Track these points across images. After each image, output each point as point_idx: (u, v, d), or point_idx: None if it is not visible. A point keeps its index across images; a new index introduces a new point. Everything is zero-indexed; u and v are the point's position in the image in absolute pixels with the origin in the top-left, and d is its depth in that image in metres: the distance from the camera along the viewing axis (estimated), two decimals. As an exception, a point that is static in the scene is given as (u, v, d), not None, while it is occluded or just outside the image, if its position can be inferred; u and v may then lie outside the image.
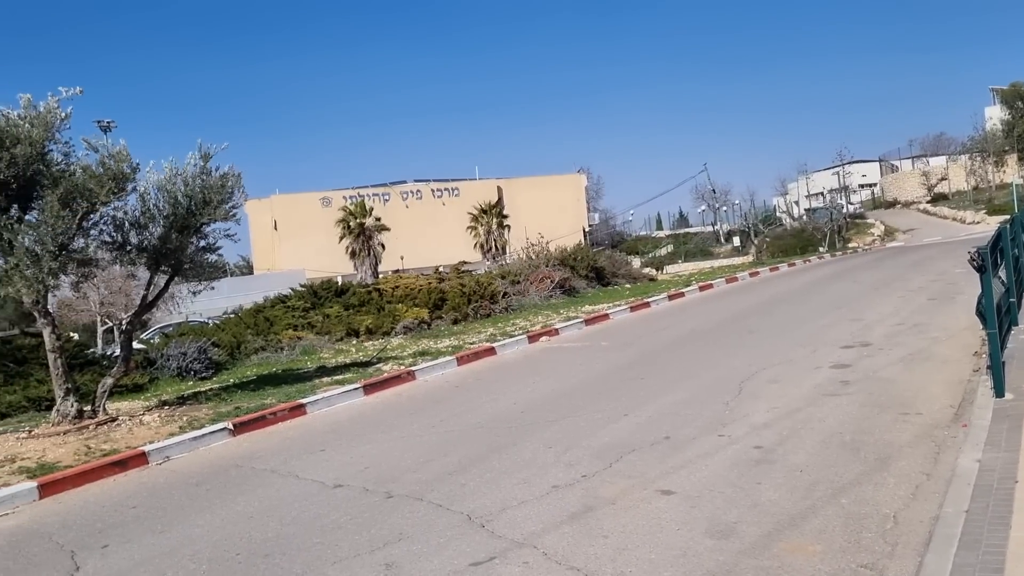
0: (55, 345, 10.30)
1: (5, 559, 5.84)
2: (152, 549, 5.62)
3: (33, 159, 9.77)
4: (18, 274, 9.84)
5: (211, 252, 11.89)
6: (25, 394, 13.22)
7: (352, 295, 21.45)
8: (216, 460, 8.36)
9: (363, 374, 12.68)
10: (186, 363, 15.10)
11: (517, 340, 14.98)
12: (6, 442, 9.66)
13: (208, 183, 11.14)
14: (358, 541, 5.22)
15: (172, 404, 11.44)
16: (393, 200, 59.51)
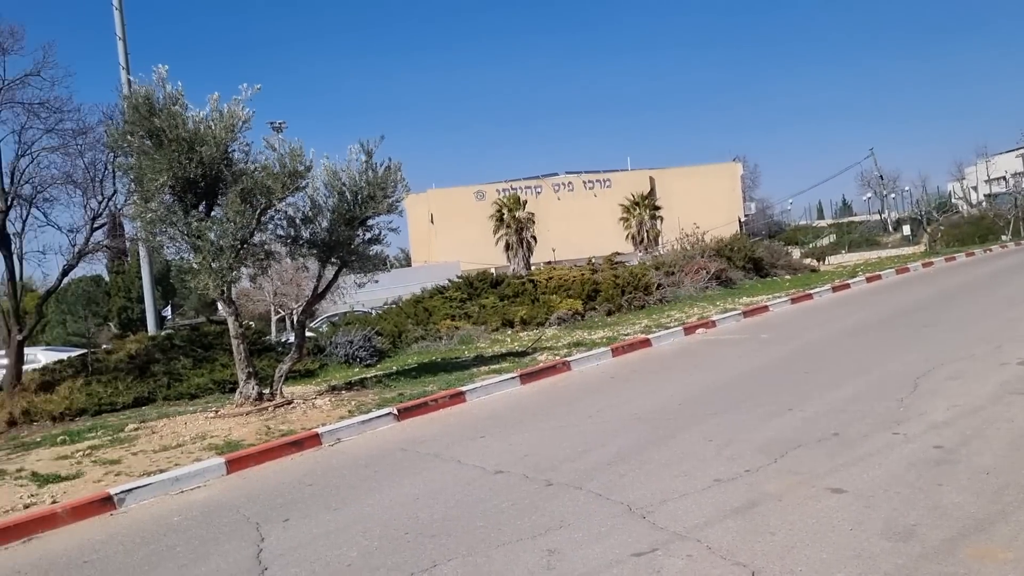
0: (238, 332, 11.08)
1: (200, 528, 6.36)
2: (328, 525, 5.96)
3: (218, 159, 10.54)
4: (205, 267, 10.64)
5: (375, 244, 12.41)
6: (211, 377, 14.32)
7: (507, 286, 21.81)
8: (383, 443, 8.75)
9: (519, 364, 12.89)
10: (352, 351, 15.88)
11: (672, 332, 14.78)
12: (196, 421, 10.50)
13: (372, 178, 11.65)
14: (520, 526, 5.33)
15: (341, 389, 12.05)
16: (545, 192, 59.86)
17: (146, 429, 10.45)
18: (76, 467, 8.61)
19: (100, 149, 14.91)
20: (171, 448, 9.10)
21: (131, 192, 12.25)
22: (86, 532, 6.69)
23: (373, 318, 21.86)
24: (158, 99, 10.58)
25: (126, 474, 8.10)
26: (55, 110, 14.96)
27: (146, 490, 7.45)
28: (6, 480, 8.23)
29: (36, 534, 6.66)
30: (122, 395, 13.75)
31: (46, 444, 10.50)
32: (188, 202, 10.73)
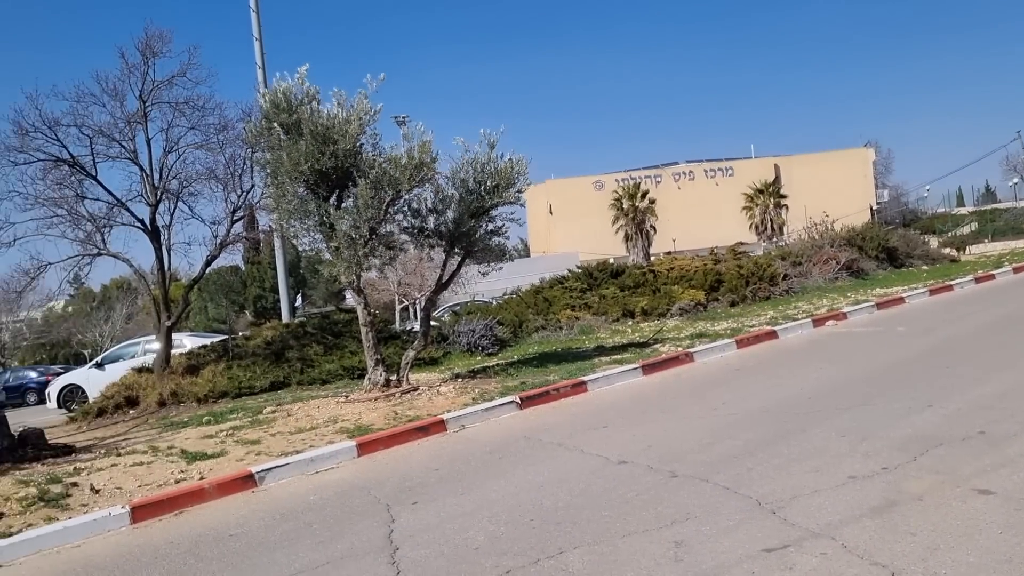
0: (367, 320, 11.47)
1: (334, 507, 6.64)
2: (455, 509, 6.11)
3: (350, 152, 10.92)
4: (338, 256, 11.06)
5: (498, 235, 12.57)
6: (341, 363, 14.88)
7: (627, 276, 21.64)
8: (506, 431, 8.88)
9: (640, 354, 12.79)
10: (474, 339, 16.15)
11: (800, 324, 14.31)
12: (328, 405, 10.95)
13: (496, 169, 11.80)
14: (645, 517, 5.30)
15: (464, 377, 12.29)
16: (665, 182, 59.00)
17: (282, 412, 10.98)
18: (220, 446, 9.15)
19: (239, 145, 15.72)
20: (305, 430, 9.53)
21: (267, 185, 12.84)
22: (230, 507, 7.10)
23: (493, 308, 22.14)
24: (295, 96, 11.04)
25: (265, 454, 8.54)
26: (198, 108, 15.88)
27: (284, 469, 7.84)
28: (159, 456, 8.82)
29: (186, 508, 7.12)
30: (259, 379, 14.49)
31: (193, 424, 11.19)
32: (321, 194, 11.17)
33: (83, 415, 14.97)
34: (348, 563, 5.14)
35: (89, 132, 15.11)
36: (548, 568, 4.60)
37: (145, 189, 15.53)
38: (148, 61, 15.32)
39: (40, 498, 7.30)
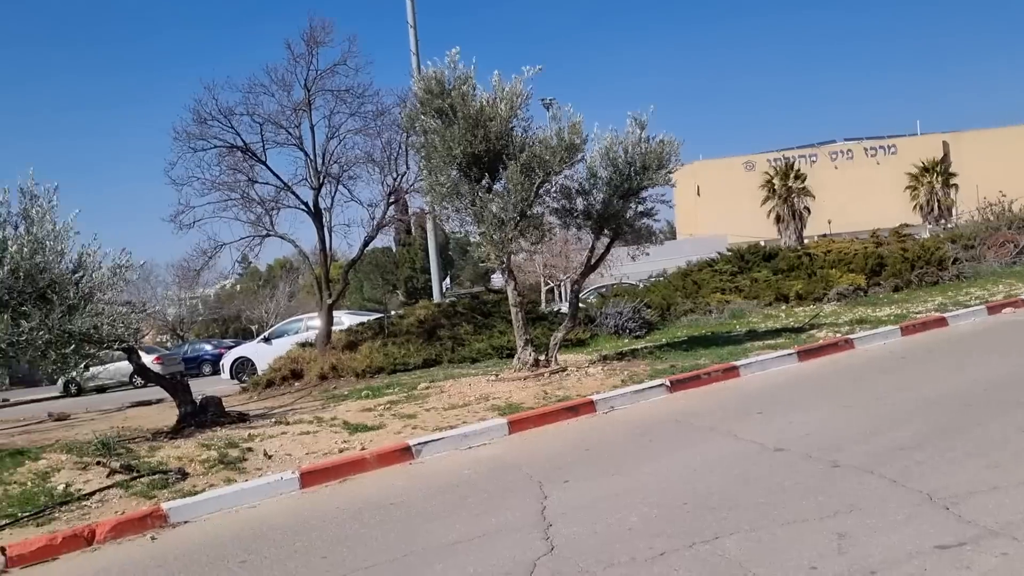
0: (516, 301, 11.65)
1: (487, 482, 6.83)
2: (605, 489, 6.14)
3: (501, 134, 11.08)
4: (488, 238, 11.27)
5: (648, 217, 12.43)
6: (490, 343, 15.20)
7: (780, 259, 20.90)
8: (656, 413, 8.82)
9: (796, 340, 12.35)
10: (621, 322, 16.09)
11: (973, 311, 13.38)
12: (479, 383, 11.22)
13: (647, 150, 11.66)
14: (804, 506, 5.15)
15: (612, 359, 12.27)
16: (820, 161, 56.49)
17: (435, 388, 11.35)
18: (379, 419, 9.57)
19: (395, 130, 16.30)
20: (458, 407, 9.81)
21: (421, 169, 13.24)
22: (389, 478, 7.43)
23: (640, 290, 21.95)
24: (448, 80, 11.30)
25: (421, 428, 8.87)
26: (358, 95, 16.58)
27: (439, 444, 8.12)
28: (323, 427, 9.33)
29: (349, 476, 7.50)
30: (413, 356, 15.03)
31: (352, 397, 11.76)
32: (473, 176, 11.40)
33: (253, 386, 16.05)
34: (503, 536, 5.27)
35: (260, 120, 16.16)
36: (704, 552, 4.55)
37: (309, 173, 16.42)
38: (312, 51, 16.16)
39: (220, 461, 7.89)
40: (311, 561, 5.23)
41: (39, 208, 9.48)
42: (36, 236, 9.27)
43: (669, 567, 4.40)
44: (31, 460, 8.25)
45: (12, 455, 9.16)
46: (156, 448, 8.78)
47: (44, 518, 6.74)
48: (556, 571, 4.52)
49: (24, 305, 9.21)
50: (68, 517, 6.75)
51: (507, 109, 11.06)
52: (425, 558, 5.01)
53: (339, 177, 16.75)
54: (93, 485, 7.38)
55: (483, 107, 11.10)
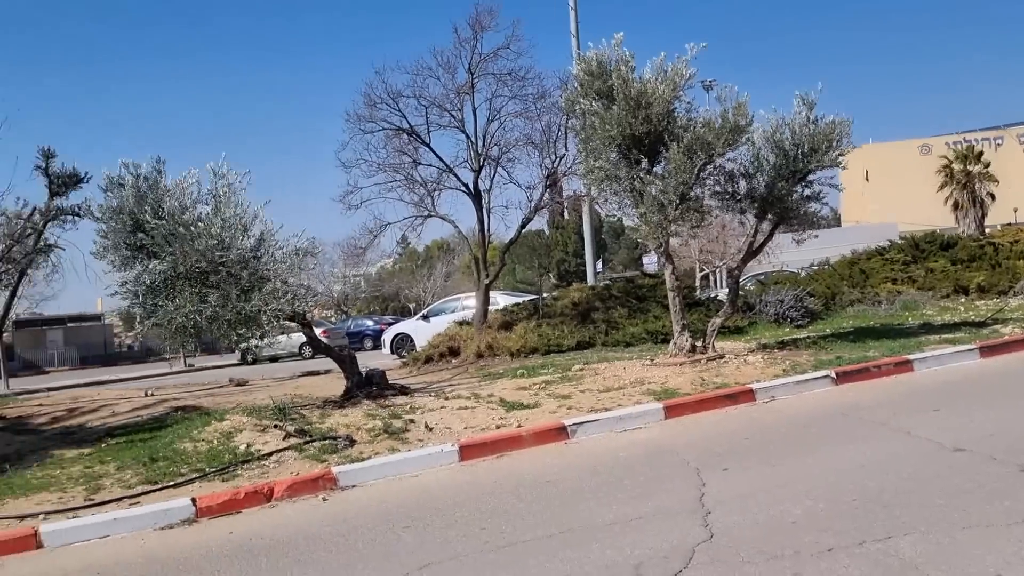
0: (674, 285, 11.48)
1: (643, 465, 6.79)
2: (766, 479, 5.97)
3: (662, 116, 10.91)
4: (646, 221, 11.15)
5: (815, 201, 11.92)
6: (644, 327, 15.07)
7: (960, 249, 19.51)
8: (820, 405, 8.48)
9: (977, 335, 11.51)
10: (783, 310, 15.54)
11: None
12: (634, 367, 11.16)
13: (815, 131, 11.16)
14: (989, 511, 4.81)
15: (772, 348, 11.87)
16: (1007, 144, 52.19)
17: (590, 370, 11.38)
18: (534, 398, 9.71)
19: (555, 112, 16.40)
20: (613, 389, 9.80)
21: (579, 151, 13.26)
22: (545, 455, 7.54)
23: (802, 278, 21.08)
24: (609, 62, 11.23)
25: (576, 408, 8.93)
26: (519, 79, 16.80)
27: (594, 425, 8.15)
28: (480, 403, 9.57)
29: (506, 452, 7.66)
30: (566, 338, 15.13)
31: (507, 376, 11.98)
32: (632, 159, 11.30)
33: (413, 361, 16.67)
34: (659, 520, 5.24)
35: (425, 103, 16.72)
36: (875, 551, 4.35)
37: (470, 155, 16.81)
38: (477, 35, 16.51)
39: (384, 430, 8.26)
40: (471, 531, 5.39)
41: (227, 189, 10.20)
42: (224, 216, 9.98)
43: (837, 564, 4.23)
44: (217, 421, 8.94)
45: (201, 416, 9.99)
46: (326, 415, 9.29)
47: (228, 474, 7.29)
48: (716, 559, 4.45)
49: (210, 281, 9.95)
50: (249, 474, 7.27)
51: (669, 90, 10.87)
52: (582, 536, 5.06)
53: (498, 159, 17.06)
54: (271, 446, 7.90)
55: (645, 88, 10.96)
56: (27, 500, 7.03)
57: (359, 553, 5.20)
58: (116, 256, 10.15)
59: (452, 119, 16.81)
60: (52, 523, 6.25)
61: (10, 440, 10.97)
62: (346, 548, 5.34)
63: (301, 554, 5.27)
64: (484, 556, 4.88)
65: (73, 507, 6.68)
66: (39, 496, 7.12)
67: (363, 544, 5.39)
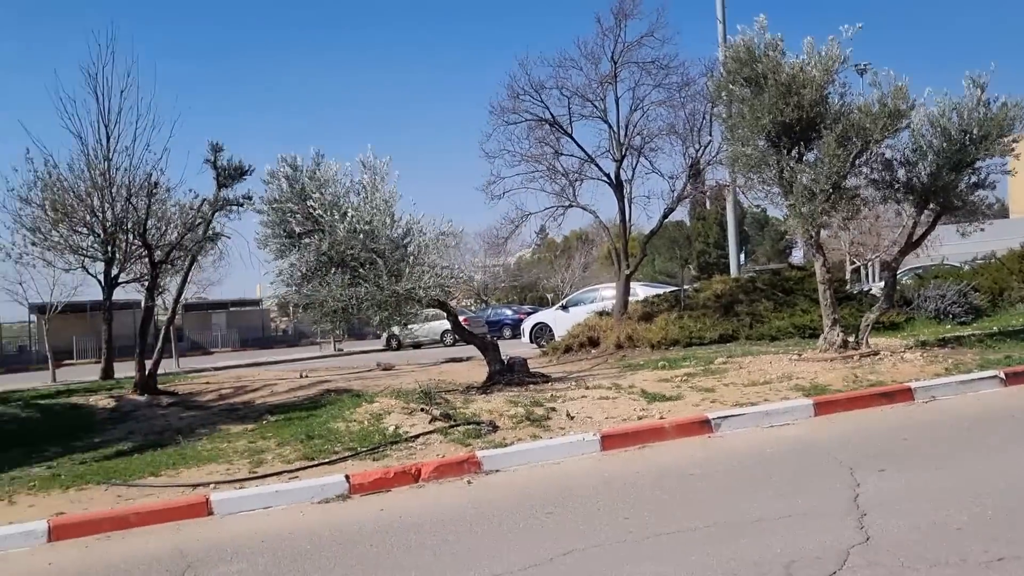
0: (824, 277, 11.04)
1: (792, 462, 6.59)
2: (927, 482, 5.66)
3: (815, 102, 10.49)
4: (796, 211, 10.77)
5: (983, 189, 11.15)
6: (791, 321, 14.56)
7: None
8: (986, 407, 7.97)
9: None
10: (944, 306, 14.67)
11: None
12: (780, 361, 10.81)
13: (986, 115, 10.43)
14: None
15: (931, 345, 11.21)
16: None
17: (733, 364, 11.11)
18: (676, 390, 9.59)
19: (699, 100, 16.08)
20: (758, 384, 9.54)
21: (724, 140, 12.95)
22: (687, 448, 7.44)
23: (965, 272, 19.77)
24: (758, 47, 10.89)
25: (720, 402, 8.75)
26: (663, 67, 16.56)
27: (739, 419, 7.97)
28: (621, 393, 9.54)
29: (648, 443, 7.62)
30: (708, 331, 14.82)
31: (648, 367, 11.88)
32: (782, 147, 10.93)
33: (552, 350, 16.80)
34: (811, 520, 5.07)
35: (567, 93, 16.77)
36: (1053, 564, 4.05)
37: (612, 145, 16.73)
38: (620, 24, 16.39)
39: (526, 417, 8.38)
40: (615, 520, 5.40)
41: (376, 178, 10.61)
42: (372, 203, 10.39)
43: (1007, 575, 3.98)
44: (367, 403, 9.33)
45: (352, 397, 10.44)
46: (469, 401, 9.52)
47: (378, 454, 7.61)
48: (873, 562, 4.27)
49: (361, 267, 10.39)
50: (397, 455, 7.55)
51: (822, 74, 10.44)
52: (728, 531, 4.96)
53: (641, 149, 16.88)
54: (417, 429, 8.18)
55: (796, 73, 10.57)
56: (199, 470, 7.58)
57: (503, 536, 5.31)
58: (275, 244, 10.77)
59: (594, 109, 16.80)
60: (221, 492, 6.71)
61: (182, 414, 11.87)
62: (491, 530, 5.47)
63: (448, 533, 5.44)
64: (627, 546, 4.88)
65: (239, 478, 7.15)
66: (209, 467, 7.67)
67: (507, 527, 5.50)
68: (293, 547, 5.41)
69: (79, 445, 9.82)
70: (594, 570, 4.50)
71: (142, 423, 11.41)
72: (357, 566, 4.92)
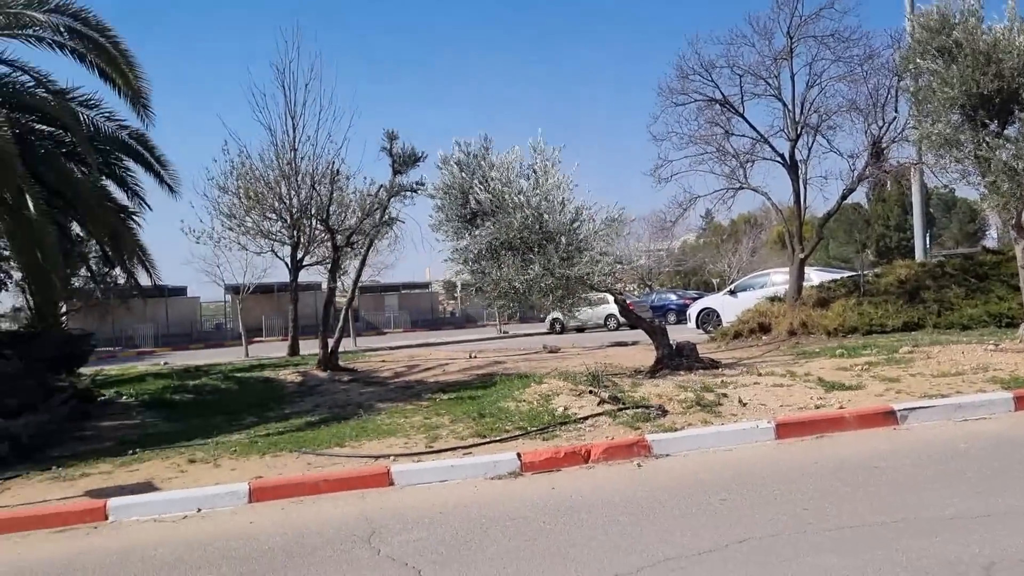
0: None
1: (989, 459, 6.13)
2: None
3: (1017, 71, 9.65)
4: (993, 190, 9.98)
5: None
6: (985, 309, 13.53)
7: None
8: None
9: None
10: None
11: None
12: (974, 352, 10.07)
13: None
14: None
15: None
16: None
17: (920, 353, 10.45)
18: (856, 379, 9.14)
19: (884, 74, 15.09)
20: (949, 375, 8.94)
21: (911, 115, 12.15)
22: (869, 440, 7.08)
23: None
24: (952, 15, 10.16)
25: (906, 393, 8.27)
26: (843, 39, 15.62)
27: (928, 412, 7.50)
28: (797, 381, 9.20)
29: (826, 433, 7.32)
30: (891, 318, 14.00)
31: (824, 355, 11.38)
32: (978, 121, 10.16)
33: (721, 336, 16.41)
34: (1013, 520, 4.71)
35: (739, 72, 16.19)
36: None
37: (786, 124, 16.03)
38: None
39: (697, 403, 8.26)
40: (792, 510, 5.23)
41: (546, 163, 10.74)
42: (543, 188, 10.53)
43: None
44: (536, 384, 9.50)
45: (521, 378, 10.67)
46: (637, 385, 9.49)
47: (548, 434, 7.74)
48: (1088, 569, 3.93)
49: (531, 250, 10.57)
50: (567, 435, 7.65)
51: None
52: (918, 528, 4.70)
53: (817, 127, 16.05)
54: (586, 411, 8.24)
55: (996, 41, 9.76)
56: (379, 443, 8.00)
57: (675, 520, 5.27)
58: (448, 228, 11.14)
59: (768, 87, 16.13)
60: (400, 464, 7.04)
61: (361, 390, 12.55)
62: (662, 514, 5.45)
63: (620, 514, 5.46)
64: (807, 537, 4.72)
65: (417, 452, 7.49)
66: (388, 440, 8.07)
67: (679, 512, 5.46)
68: (468, 520, 5.61)
69: (271, 415, 10.61)
70: (771, 559, 4.39)
71: (326, 397, 12.17)
72: (531, 541, 5.03)
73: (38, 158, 10.67)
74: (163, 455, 8.08)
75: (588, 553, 4.73)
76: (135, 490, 6.77)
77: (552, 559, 4.67)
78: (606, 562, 4.53)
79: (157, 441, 9.08)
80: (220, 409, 11.52)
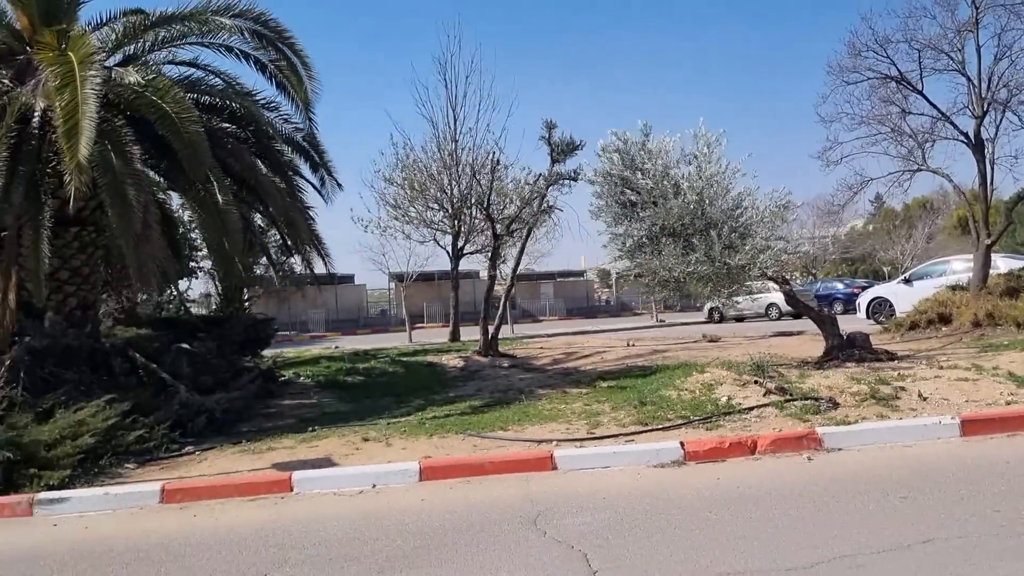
0: None
1: None
2: None
3: None
4: None
5: None
6: None
7: None
8: None
9: None
10: None
11: None
12: None
13: None
14: None
15: None
16: None
17: None
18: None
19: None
20: None
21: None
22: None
23: None
24: None
25: (1113, 391, 7.55)
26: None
27: None
28: (984, 375, 8.58)
29: (1018, 431, 6.80)
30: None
31: (1015, 348, 10.54)
32: None
33: (895, 327, 15.51)
34: None
35: (918, 46, 15.17)
36: None
37: (971, 100, 14.87)
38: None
39: (871, 396, 7.87)
40: (981, 512, 4.91)
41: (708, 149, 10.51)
42: (705, 174, 10.31)
43: None
44: (697, 372, 9.35)
45: (682, 367, 10.54)
46: (804, 376, 9.14)
47: (711, 423, 7.61)
48: None
49: (693, 237, 10.38)
50: (731, 426, 7.50)
51: None
52: None
53: (1007, 103, 14.79)
54: (751, 401, 8.04)
55: None
56: (541, 427, 8.13)
57: (851, 516, 5.06)
58: (608, 215, 11.13)
59: (950, 61, 15.01)
60: (563, 449, 7.13)
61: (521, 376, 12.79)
62: (836, 509, 5.24)
63: (790, 508, 5.31)
64: (1000, 541, 4.42)
65: (578, 438, 7.57)
66: (550, 425, 8.19)
67: (855, 508, 5.23)
68: (632, 506, 5.61)
69: (437, 398, 11.00)
70: (959, 563, 4.14)
71: (487, 382, 12.48)
72: (696, 531, 4.98)
73: (226, 151, 11.50)
74: (339, 433, 8.57)
75: (756, 545, 4.62)
76: (316, 464, 7.22)
77: (719, 550, 4.60)
78: (776, 555, 4.42)
79: (333, 420, 9.63)
80: (389, 391, 12.06)
